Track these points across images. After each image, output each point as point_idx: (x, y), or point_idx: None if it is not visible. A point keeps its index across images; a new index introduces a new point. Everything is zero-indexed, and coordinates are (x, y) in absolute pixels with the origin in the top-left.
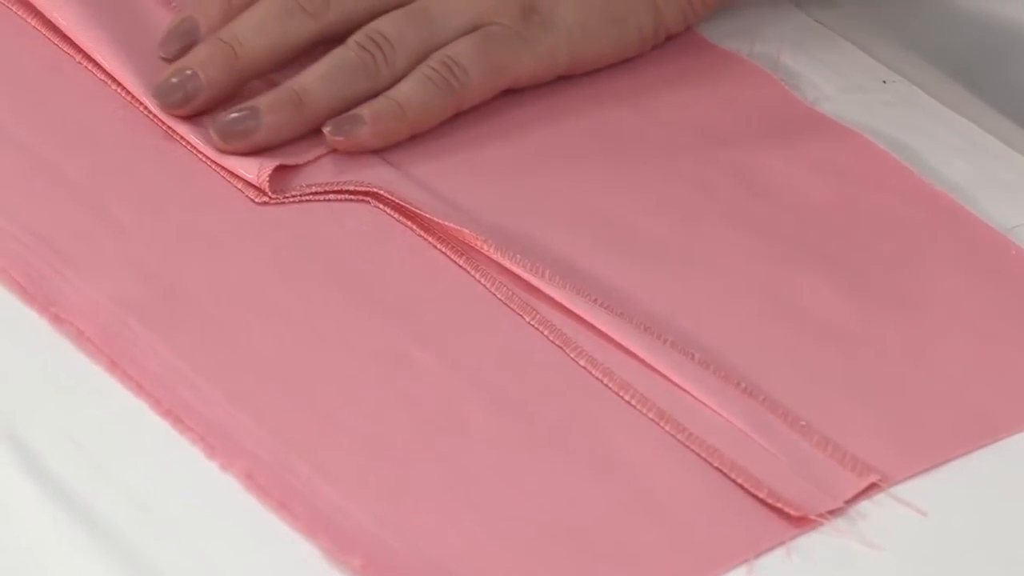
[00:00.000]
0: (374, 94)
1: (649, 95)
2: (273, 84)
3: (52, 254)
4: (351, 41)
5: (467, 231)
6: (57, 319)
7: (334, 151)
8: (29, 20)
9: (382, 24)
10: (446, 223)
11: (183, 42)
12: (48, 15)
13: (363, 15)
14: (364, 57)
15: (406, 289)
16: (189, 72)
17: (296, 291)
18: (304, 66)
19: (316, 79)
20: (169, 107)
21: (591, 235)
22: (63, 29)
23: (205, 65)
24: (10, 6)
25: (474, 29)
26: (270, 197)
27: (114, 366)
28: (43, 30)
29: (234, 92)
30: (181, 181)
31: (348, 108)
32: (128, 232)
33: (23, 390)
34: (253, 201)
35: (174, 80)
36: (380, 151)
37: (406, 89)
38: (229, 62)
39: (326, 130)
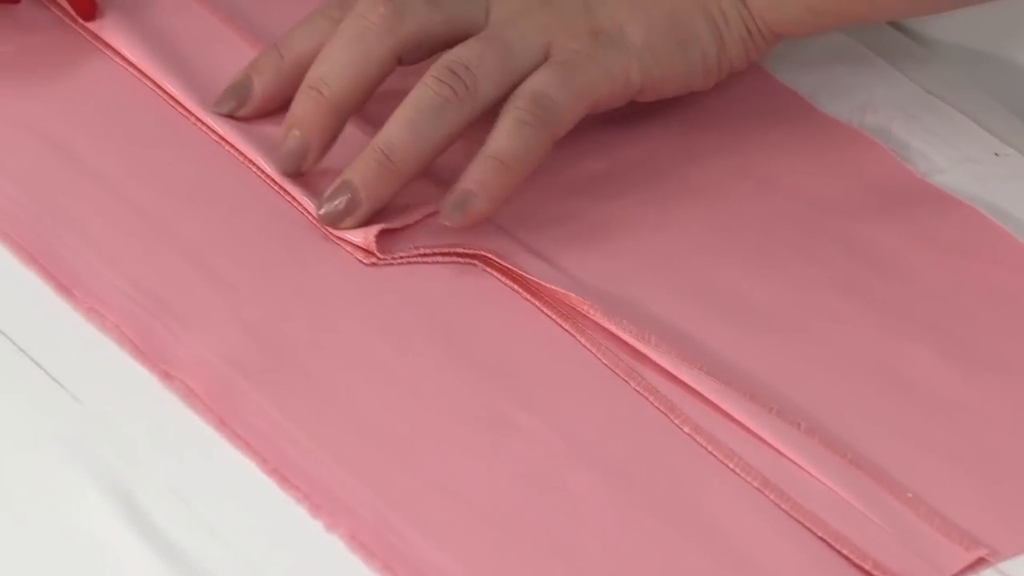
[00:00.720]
0: (464, 127)
1: (760, 163)
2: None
3: (163, 311)
4: (428, 77)
5: (573, 295)
6: (167, 376)
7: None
8: (145, 82)
9: (459, 52)
10: (552, 287)
11: (237, 99)
12: (159, 81)
13: (437, 27)
14: (444, 92)
15: (511, 352)
16: (291, 127)
17: (402, 352)
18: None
19: (400, 130)
20: (284, 171)
21: (698, 301)
22: (174, 95)
23: (302, 115)
24: (127, 67)
25: (545, 53)
26: (378, 258)
27: (222, 424)
28: (159, 92)
29: (338, 133)
30: (290, 241)
31: (440, 149)
32: (237, 290)
33: (132, 445)
34: (361, 262)
35: (285, 141)
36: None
37: (503, 140)
38: (320, 104)
39: (444, 220)
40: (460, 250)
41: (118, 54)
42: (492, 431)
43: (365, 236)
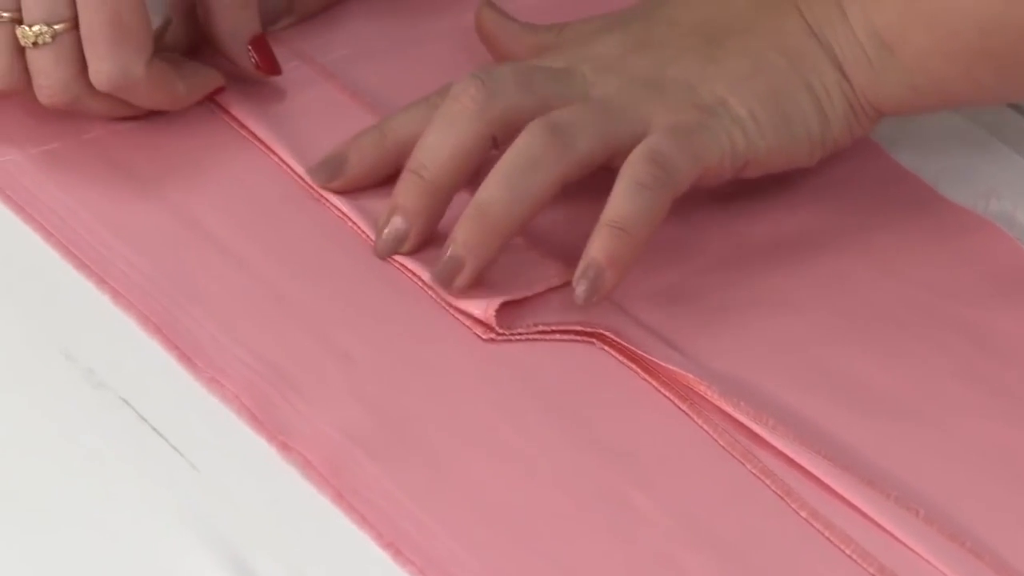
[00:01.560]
0: (560, 177)
1: (883, 247)
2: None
3: (283, 383)
4: (525, 133)
5: (690, 376)
6: (285, 447)
7: (560, 286)
8: (270, 156)
9: (557, 112)
10: (670, 367)
11: (330, 171)
12: (283, 156)
13: (530, 111)
14: (540, 141)
15: (628, 431)
16: (394, 208)
17: (519, 429)
18: None
19: (496, 186)
20: (384, 250)
21: (817, 384)
22: (297, 170)
23: (405, 198)
24: (253, 142)
25: (648, 125)
26: (497, 333)
27: (338, 496)
28: (283, 167)
29: (440, 214)
30: (409, 314)
31: (536, 205)
32: (357, 364)
33: (249, 516)
34: (480, 337)
35: (386, 223)
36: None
37: (620, 205)
38: (420, 187)
39: (578, 298)
40: (578, 328)
41: (245, 128)
42: (608, 510)
43: (485, 310)
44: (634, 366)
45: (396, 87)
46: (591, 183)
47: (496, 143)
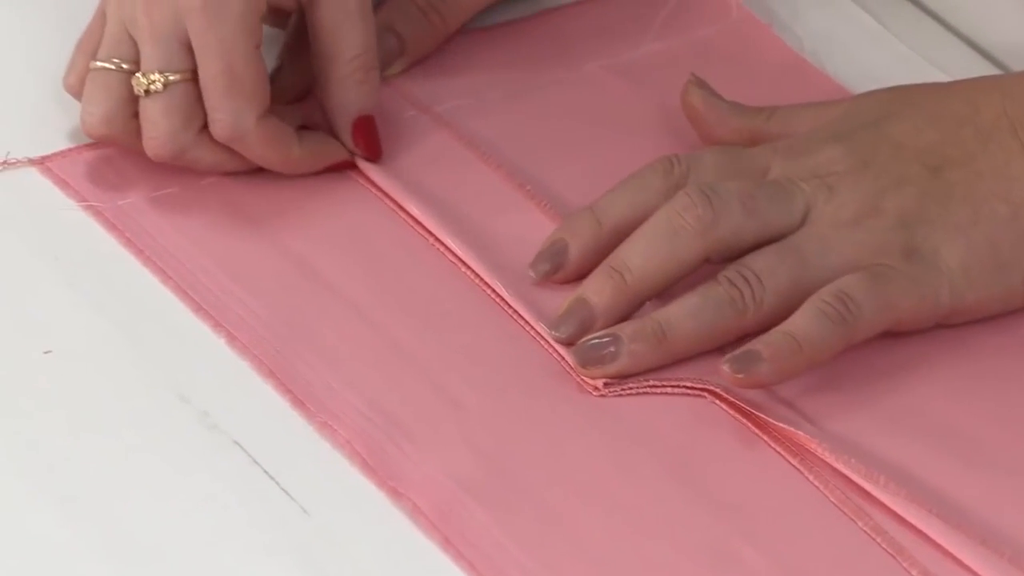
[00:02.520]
0: (738, 331)
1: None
2: None
3: (395, 429)
4: (721, 276)
5: (801, 433)
6: (395, 493)
7: None
8: (385, 202)
9: (755, 261)
10: (780, 424)
11: (553, 263)
12: (400, 201)
13: (750, 233)
14: (732, 294)
15: (738, 486)
16: (583, 301)
17: (629, 481)
18: None
19: (683, 314)
20: (566, 340)
21: (929, 442)
22: (414, 215)
23: (598, 294)
24: (370, 188)
25: (851, 270)
26: (606, 392)
27: (447, 543)
28: (399, 212)
29: (627, 316)
30: (522, 365)
31: (710, 344)
32: (469, 412)
33: (358, 560)
34: (591, 392)
35: (571, 312)
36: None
37: (801, 323)
38: (620, 289)
39: (725, 367)
40: (689, 383)
41: (362, 175)
42: (716, 564)
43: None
44: (745, 420)
45: (511, 138)
46: None
47: (708, 262)
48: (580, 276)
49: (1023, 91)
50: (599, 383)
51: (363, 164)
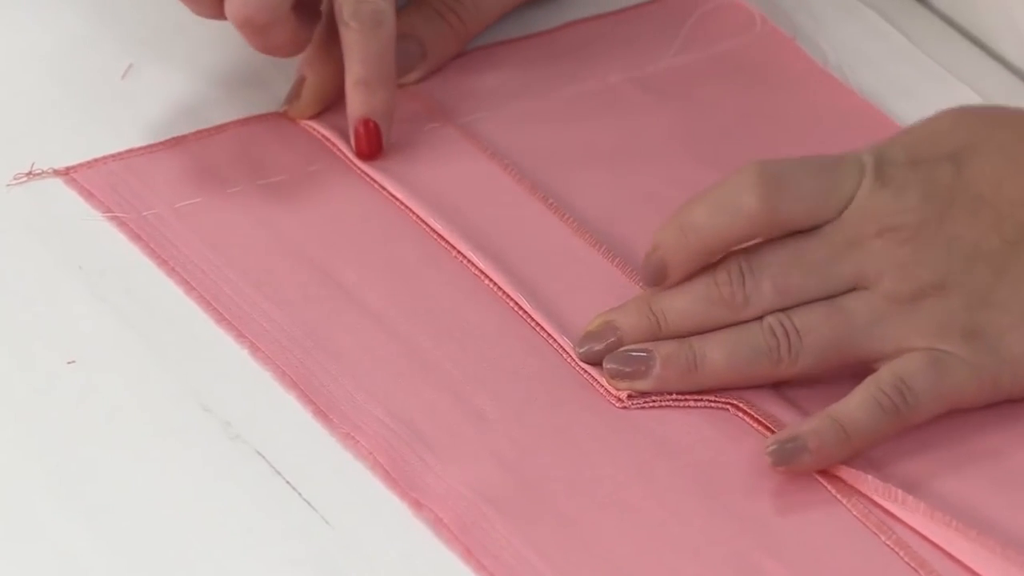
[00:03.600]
0: (771, 379)
1: None
2: None
3: (417, 441)
4: (765, 323)
5: None
6: (418, 504)
7: None
8: (408, 215)
9: (798, 316)
10: None
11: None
12: (422, 214)
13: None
14: (770, 343)
15: (761, 499)
16: (614, 328)
17: (651, 493)
18: None
19: (718, 352)
20: (589, 359)
21: (951, 460)
22: (436, 229)
23: (632, 329)
24: (392, 200)
25: (903, 345)
26: (629, 404)
27: (469, 555)
28: (422, 224)
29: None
30: (544, 376)
31: (739, 384)
32: (490, 423)
33: (380, 571)
34: (614, 404)
35: (600, 336)
36: None
37: (853, 409)
38: (653, 332)
39: (768, 456)
40: (712, 397)
41: (385, 189)
42: None
43: (620, 390)
44: (768, 434)
45: (535, 150)
46: None
47: None
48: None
49: None
50: (623, 394)
51: (383, 178)
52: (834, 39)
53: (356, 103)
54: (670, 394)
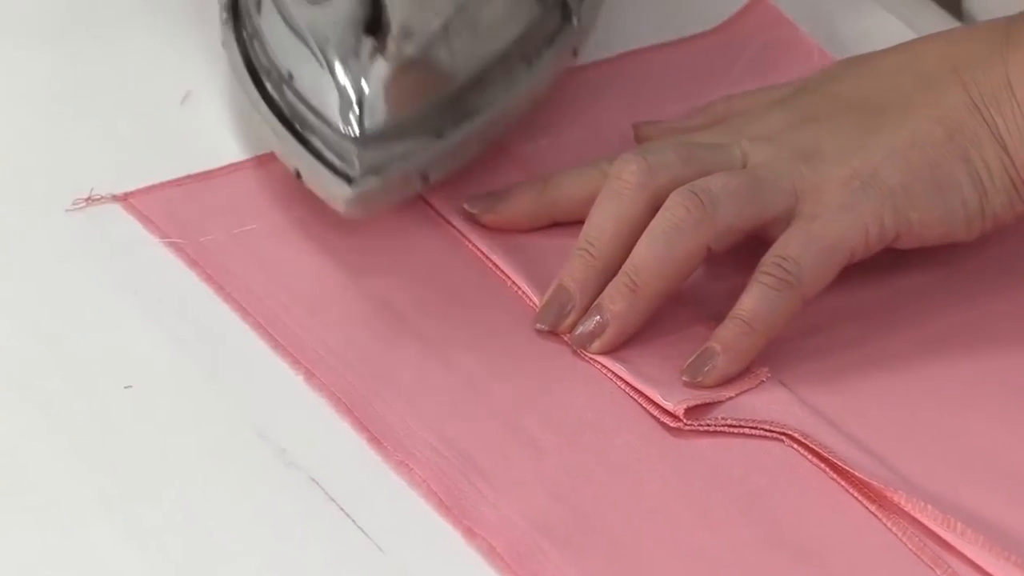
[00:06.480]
0: (702, 249)
1: None
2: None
3: (471, 469)
4: (670, 199)
5: (874, 482)
6: (470, 533)
7: (750, 389)
8: (465, 243)
9: (706, 180)
10: (857, 472)
11: (487, 205)
12: (479, 245)
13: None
14: (680, 213)
15: (814, 531)
16: (562, 290)
17: (704, 523)
18: None
19: (643, 253)
20: (546, 324)
21: (1007, 490)
22: (494, 260)
23: (572, 275)
24: (450, 228)
25: (795, 198)
26: (684, 424)
27: None
28: (479, 253)
29: (602, 288)
30: (597, 403)
31: (681, 273)
32: (543, 451)
33: None
34: (667, 429)
35: (551, 298)
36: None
37: (748, 302)
38: (589, 264)
39: (685, 378)
40: (767, 426)
41: (441, 216)
42: None
43: (675, 405)
44: (822, 465)
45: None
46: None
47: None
48: (508, 226)
49: (965, 36)
50: (680, 412)
51: (440, 205)
52: None
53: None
54: (724, 419)
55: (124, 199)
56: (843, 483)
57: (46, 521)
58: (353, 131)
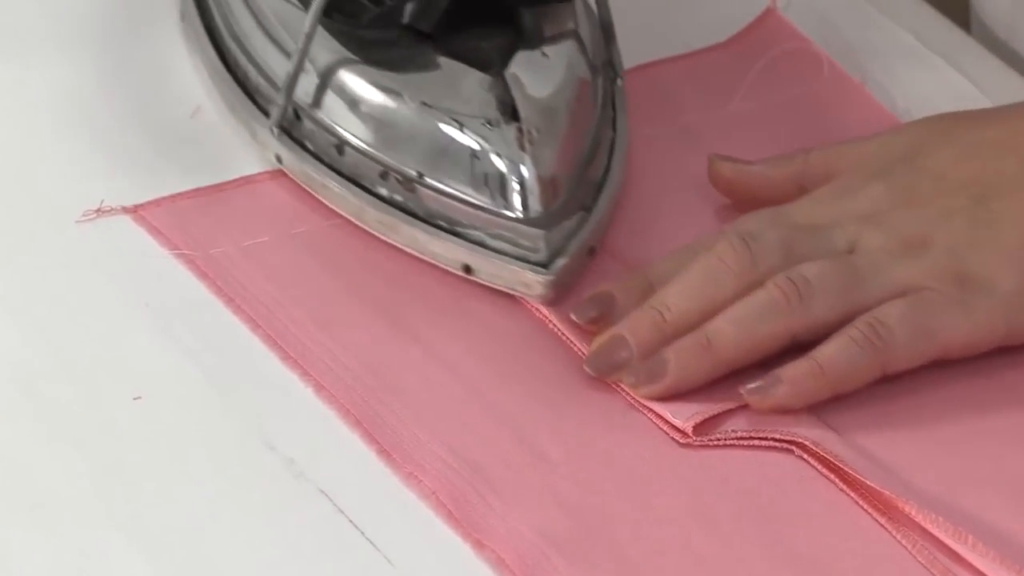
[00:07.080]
0: (786, 336)
1: None
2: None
3: (480, 481)
4: (769, 282)
5: (886, 492)
6: (479, 545)
7: None
8: None
9: (805, 267)
10: (868, 481)
11: (598, 309)
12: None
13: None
14: (775, 295)
15: (824, 543)
16: (622, 346)
17: (714, 535)
18: None
19: (726, 320)
20: (598, 372)
21: (1021, 503)
22: None
23: (638, 332)
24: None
25: (903, 293)
26: (693, 439)
27: None
28: None
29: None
30: (606, 416)
31: (757, 350)
32: (553, 464)
33: None
34: (676, 442)
35: (609, 351)
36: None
37: (829, 350)
38: (657, 327)
39: (743, 390)
40: (776, 436)
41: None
42: None
43: (684, 422)
44: (832, 476)
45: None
46: None
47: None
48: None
49: None
50: (688, 428)
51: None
52: (902, 85)
53: None
54: (734, 432)
55: (134, 211)
56: (853, 495)
57: (55, 532)
58: (528, 215)
